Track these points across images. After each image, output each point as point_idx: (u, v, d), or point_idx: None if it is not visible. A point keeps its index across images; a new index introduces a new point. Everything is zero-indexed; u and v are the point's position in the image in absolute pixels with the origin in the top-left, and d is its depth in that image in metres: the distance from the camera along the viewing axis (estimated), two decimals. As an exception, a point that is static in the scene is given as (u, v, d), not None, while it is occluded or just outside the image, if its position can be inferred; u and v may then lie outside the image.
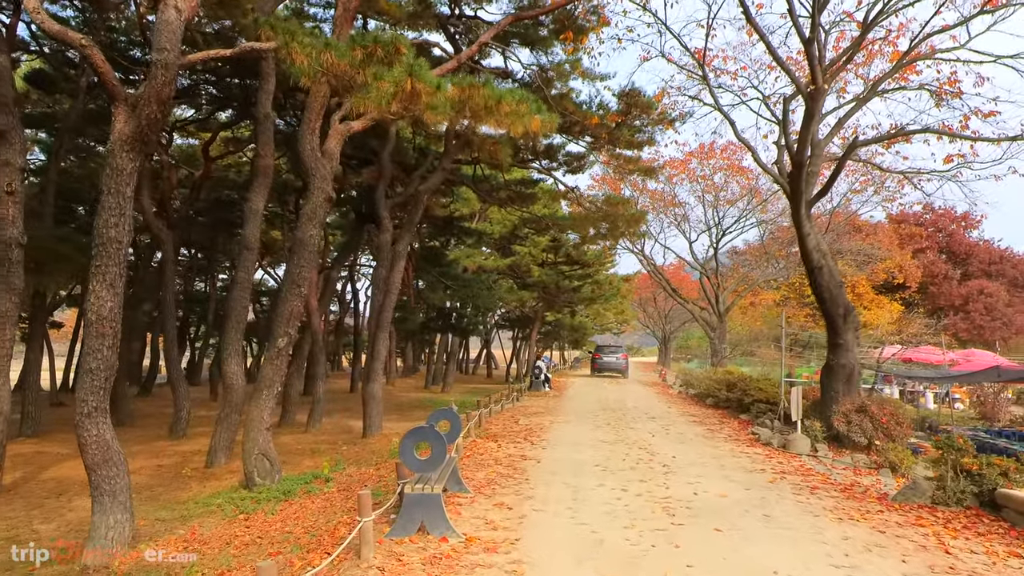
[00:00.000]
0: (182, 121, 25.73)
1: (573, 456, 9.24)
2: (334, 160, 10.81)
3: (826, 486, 7.56)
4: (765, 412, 12.97)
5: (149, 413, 21.03)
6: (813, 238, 10.19)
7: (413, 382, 40.18)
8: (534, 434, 11.48)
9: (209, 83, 20.89)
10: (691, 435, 11.37)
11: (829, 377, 10.54)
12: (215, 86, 20.61)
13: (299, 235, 10.21)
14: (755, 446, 10.30)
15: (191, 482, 12.41)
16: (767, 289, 31.05)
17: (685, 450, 9.74)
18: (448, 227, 22.53)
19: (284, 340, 10.01)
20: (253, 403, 10.02)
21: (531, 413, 15.06)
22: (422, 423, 7.38)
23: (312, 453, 15.41)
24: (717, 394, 16.12)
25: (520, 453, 9.51)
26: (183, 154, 28.50)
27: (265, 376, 10.00)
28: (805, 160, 9.19)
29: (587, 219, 16.68)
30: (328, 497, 8.09)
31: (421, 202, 16.47)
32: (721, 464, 8.66)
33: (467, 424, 10.93)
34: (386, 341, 16.63)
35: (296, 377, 20.43)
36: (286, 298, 10.11)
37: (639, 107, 15.32)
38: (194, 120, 24.55)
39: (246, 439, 9.94)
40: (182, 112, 26.16)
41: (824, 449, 9.83)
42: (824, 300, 10.37)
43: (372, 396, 16.10)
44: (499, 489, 7.19)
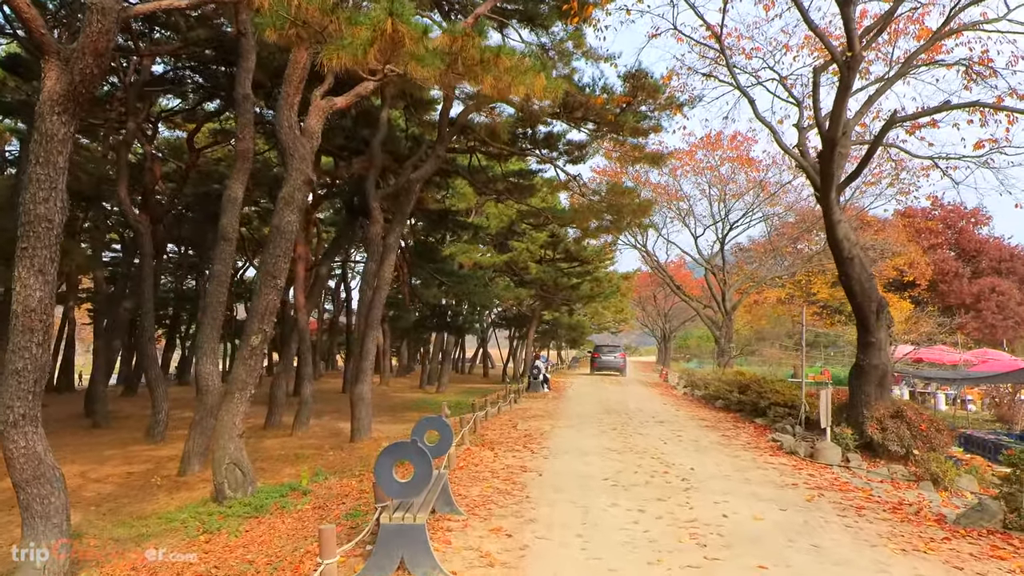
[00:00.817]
0: (168, 112, 24.75)
1: (578, 467, 8.26)
2: (314, 139, 9.83)
3: (872, 505, 6.59)
4: (784, 416, 12.01)
5: (130, 414, 20.05)
6: (844, 226, 9.24)
7: (408, 381, 39.19)
8: (534, 441, 10.49)
9: (195, 71, 19.94)
10: (706, 442, 10.39)
11: (859, 379, 9.58)
12: (201, 74, 19.68)
13: (275, 222, 9.22)
14: (779, 455, 9.33)
15: (159, 493, 11.41)
16: (772, 287, 30.10)
17: (703, 460, 8.77)
18: (443, 221, 21.52)
19: (258, 338, 9.02)
20: (224, 407, 9.05)
21: (530, 416, 14.08)
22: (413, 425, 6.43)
23: (295, 459, 14.41)
24: (728, 396, 15.14)
25: (519, 464, 8.53)
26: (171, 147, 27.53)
27: (237, 377, 9.02)
28: (838, 137, 8.24)
29: (590, 210, 15.73)
30: (301, 516, 7.09)
31: (413, 192, 15.47)
32: (746, 478, 7.68)
33: (460, 430, 9.95)
34: (375, 340, 15.64)
35: (283, 377, 19.48)
36: (261, 291, 9.13)
37: (646, 90, 14.35)
38: (180, 111, 23.61)
39: (216, 447, 8.97)
40: (168, 102, 25.21)
41: (857, 459, 8.87)
42: (855, 294, 9.40)
43: (360, 398, 15.13)
44: (496, 509, 6.20)
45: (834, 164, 8.53)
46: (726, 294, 24.06)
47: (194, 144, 21.93)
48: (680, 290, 26.99)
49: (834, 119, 7.97)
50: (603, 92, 14.83)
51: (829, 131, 8.17)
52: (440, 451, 6.05)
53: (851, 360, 28.29)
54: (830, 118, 8.12)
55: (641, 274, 42.10)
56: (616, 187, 14.96)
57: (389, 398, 28.97)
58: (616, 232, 18.68)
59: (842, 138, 8.36)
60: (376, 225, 15.55)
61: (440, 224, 21.96)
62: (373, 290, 15.37)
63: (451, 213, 21.60)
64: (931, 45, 9.36)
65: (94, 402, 18.30)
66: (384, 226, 15.76)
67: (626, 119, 15.34)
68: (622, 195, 14.41)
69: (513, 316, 41.04)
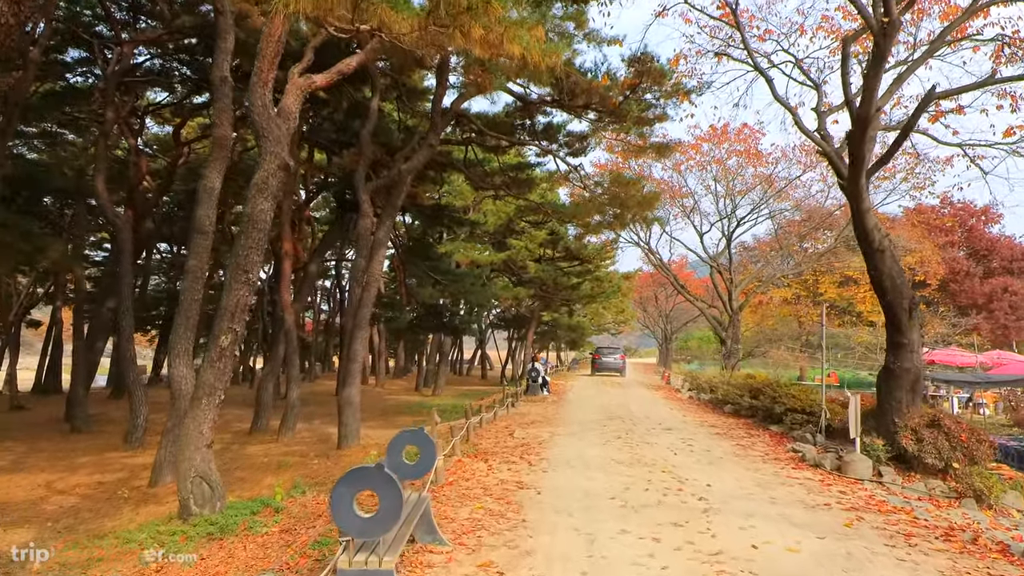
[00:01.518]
0: (155, 105, 23.91)
1: (581, 483, 7.37)
2: (291, 120, 8.95)
3: (920, 531, 5.72)
4: (802, 424, 11.13)
5: (114, 418, 19.18)
6: (873, 215, 8.37)
7: (404, 383, 38.31)
8: (532, 451, 9.61)
9: (182, 63, 19.17)
10: (720, 453, 9.51)
11: (889, 384, 8.70)
12: (188, 66, 18.90)
13: (247, 210, 8.34)
14: (802, 467, 8.45)
15: (125, 507, 10.54)
16: (778, 286, 29.23)
17: (719, 475, 7.88)
18: (438, 216, 20.63)
19: (228, 338, 8.15)
20: (190, 415, 8.18)
21: (528, 423, 13.19)
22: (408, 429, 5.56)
23: (278, 468, 13.53)
24: (738, 401, 14.26)
25: (515, 478, 7.64)
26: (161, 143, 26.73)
27: (204, 382, 8.15)
28: (871, 115, 7.38)
29: (591, 204, 14.85)
30: (265, 542, 6.21)
31: (404, 184, 14.59)
32: (772, 497, 6.80)
33: (451, 439, 9.07)
34: (365, 340, 14.77)
35: (270, 380, 18.62)
36: (231, 287, 8.24)
37: (651, 76, 13.47)
38: (168, 104, 22.82)
39: (181, 459, 8.09)
40: (155, 96, 24.38)
41: (890, 472, 7.98)
42: (885, 290, 8.53)
43: (348, 402, 14.25)
44: (487, 538, 5.32)
45: (865, 145, 7.67)
46: (732, 293, 23.17)
47: (180, 138, 21.13)
48: (684, 289, 26.09)
49: (866, 95, 7.12)
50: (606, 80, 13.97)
51: (861, 108, 7.31)
52: (420, 470, 5.17)
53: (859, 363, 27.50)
54: (862, 94, 7.26)
55: (642, 274, 41.32)
56: (619, 177, 14.08)
57: (383, 401, 28.09)
58: (619, 227, 17.80)
59: (875, 116, 7.49)
60: (365, 219, 14.69)
61: (435, 220, 21.07)
62: (362, 287, 14.52)
63: (447, 209, 20.71)
64: (968, 18, 8.49)
65: (74, 406, 17.53)
66: (374, 220, 14.90)
67: (630, 108, 14.48)
68: (626, 186, 13.53)
69: (512, 317, 40.20)
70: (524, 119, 16.85)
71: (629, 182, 13.58)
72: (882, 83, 8.94)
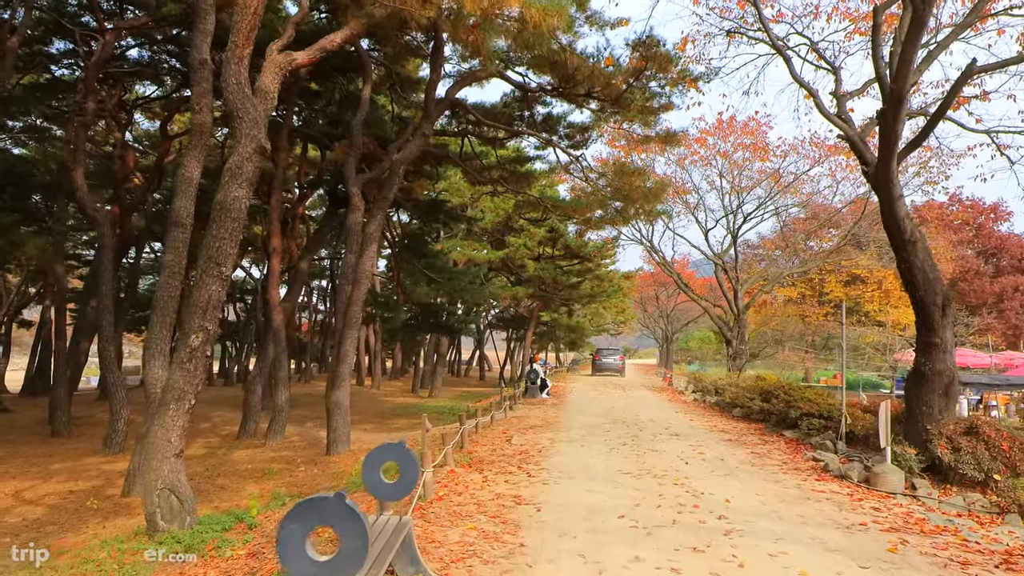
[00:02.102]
0: (143, 99, 23.21)
1: (585, 498, 6.65)
2: (269, 101, 8.25)
3: (974, 556, 5.00)
4: (819, 429, 10.40)
5: (99, 421, 18.50)
6: (904, 203, 7.66)
7: (401, 384, 37.59)
8: (531, 460, 8.88)
9: (171, 55, 18.49)
10: (734, 462, 8.78)
11: (920, 388, 7.98)
12: (177, 58, 18.23)
13: (219, 198, 7.63)
14: (826, 479, 7.73)
15: (92, 519, 9.84)
16: (783, 286, 28.51)
17: (738, 488, 7.15)
18: (434, 212, 19.89)
19: (199, 337, 7.44)
20: (157, 421, 7.46)
21: (527, 428, 12.46)
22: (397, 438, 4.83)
23: (262, 475, 12.83)
24: (749, 405, 13.53)
25: (513, 492, 6.91)
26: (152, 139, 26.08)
27: (173, 385, 7.44)
28: (907, 90, 6.66)
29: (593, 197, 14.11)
30: (229, 568, 5.49)
31: (396, 176, 13.88)
32: (800, 514, 6.08)
33: (444, 448, 8.34)
34: (355, 341, 14.04)
35: (259, 382, 17.91)
36: (202, 281, 7.53)
37: (657, 62, 12.74)
38: (158, 98, 22.16)
39: (146, 469, 7.38)
40: (144, 89, 23.69)
41: (924, 485, 7.26)
42: (917, 285, 7.82)
43: (337, 405, 13.54)
44: (479, 567, 4.60)
45: (899, 125, 6.96)
46: (738, 292, 22.44)
47: (168, 132, 20.46)
48: (688, 288, 25.37)
49: (902, 68, 6.40)
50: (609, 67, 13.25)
51: (896, 82, 6.59)
52: (401, 490, 4.44)
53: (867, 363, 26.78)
54: (897, 67, 6.54)
55: (643, 273, 40.67)
56: (624, 167, 13.32)
57: (379, 403, 27.37)
58: (623, 223, 17.08)
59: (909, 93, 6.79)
60: (356, 213, 13.98)
61: (431, 216, 20.33)
62: (352, 285, 13.81)
63: (443, 204, 19.98)
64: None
65: (55, 409, 16.89)
66: (365, 214, 14.19)
67: (633, 96, 13.77)
68: (631, 176, 12.78)
69: (511, 317, 39.53)
70: (523, 110, 16.14)
71: (634, 172, 12.84)
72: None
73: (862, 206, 21.57)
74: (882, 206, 7.89)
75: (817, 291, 29.20)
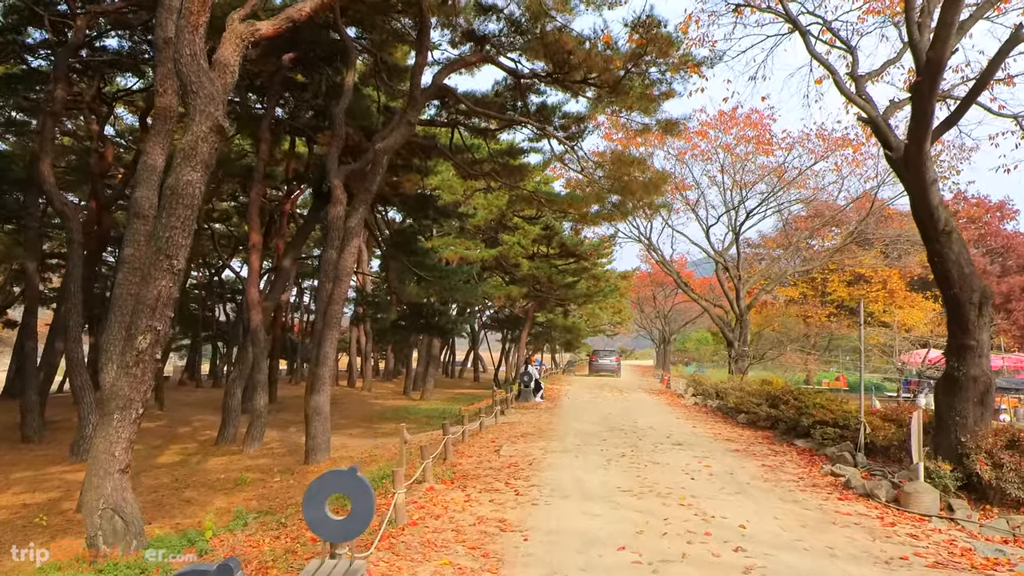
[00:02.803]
0: (125, 91, 22.37)
1: (580, 523, 5.80)
2: (228, 75, 7.38)
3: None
4: (835, 439, 9.57)
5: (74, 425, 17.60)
6: (939, 189, 6.85)
7: (393, 386, 36.72)
8: (520, 474, 8.03)
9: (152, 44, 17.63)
10: (745, 477, 7.94)
11: (953, 395, 7.16)
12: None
13: (171, 182, 6.79)
14: (849, 497, 6.90)
15: (39, 537, 8.95)
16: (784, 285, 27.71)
17: (753, 510, 6.31)
18: (423, 207, 19.02)
19: (147, 338, 6.58)
20: (99, 433, 6.62)
21: (518, 435, 11.61)
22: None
23: (234, 486, 11.93)
24: (755, 410, 12.70)
25: (497, 515, 6.07)
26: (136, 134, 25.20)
27: (117, 392, 6.60)
28: (946, 57, 5.85)
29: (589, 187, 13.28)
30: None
31: (380, 166, 13.03)
32: (828, 544, 5.24)
33: (423, 461, 7.48)
34: (336, 341, 13.20)
35: (238, 385, 17.09)
36: (150, 275, 6.68)
37: (657, 44, 11.92)
38: (141, 90, 21.38)
39: (87, 487, 6.56)
40: (125, 81, 22.87)
41: (962, 506, 6.44)
42: (951, 280, 6.99)
43: (317, 411, 12.70)
44: (449, 622, 3.76)
45: (935, 98, 6.15)
46: (740, 292, 21.62)
47: (147, 123, 19.61)
48: (688, 287, 24.54)
49: (940, 31, 5.58)
50: (607, 48, 12.43)
51: (934, 48, 5.76)
52: (352, 529, 3.60)
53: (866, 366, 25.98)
54: (936, 31, 5.71)
55: (640, 273, 39.90)
56: (622, 156, 12.48)
57: (368, 406, 26.49)
58: (621, 217, 16.23)
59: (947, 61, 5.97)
60: (337, 206, 13.14)
61: (420, 211, 19.46)
62: (332, 282, 12.96)
63: (432, 198, 19.12)
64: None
65: (26, 413, 16.08)
66: (347, 207, 13.34)
67: (632, 83, 12.94)
68: (629, 166, 11.95)
69: (506, 318, 38.74)
70: (516, 99, 15.29)
71: (633, 161, 12.00)
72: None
73: (867, 203, 20.79)
74: (912, 192, 7.07)
75: (819, 291, 28.43)
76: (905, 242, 22.64)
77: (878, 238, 23.22)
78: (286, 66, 15.72)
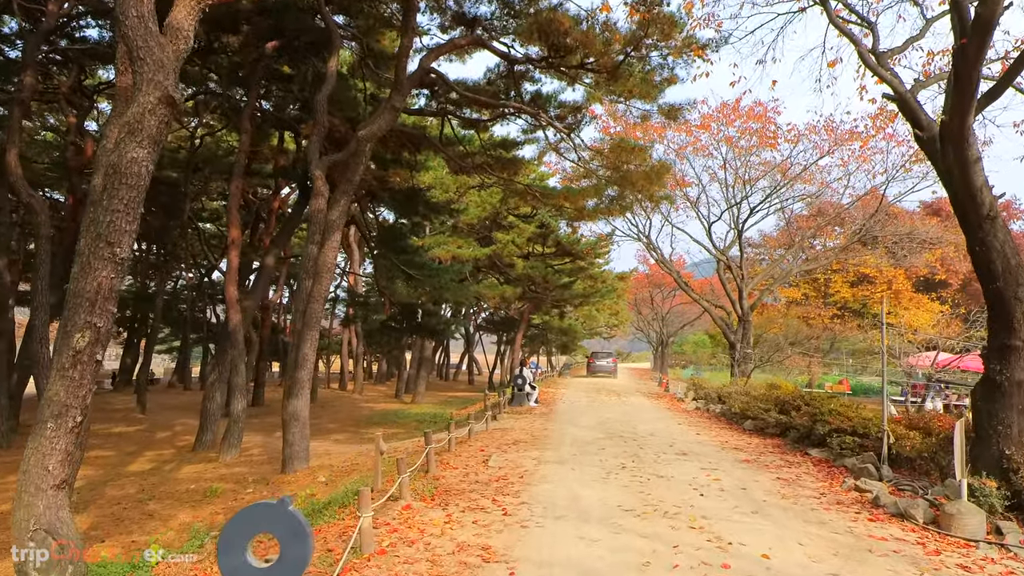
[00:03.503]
0: (107, 84, 21.49)
1: (576, 551, 4.99)
2: (181, 41, 6.55)
3: None
4: (854, 448, 8.78)
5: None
6: (983, 167, 6.07)
7: (385, 389, 35.89)
8: (510, 488, 7.20)
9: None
10: (760, 492, 7.12)
11: (995, 401, 6.37)
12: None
13: (112, 159, 5.99)
14: (880, 518, 6.09)
15: (-26, 560, 8.09)
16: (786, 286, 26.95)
17: (774, 534, 5.50)
18: (412, 202, 18.18)
19: (86, 337, 5.77)
20: (32, 444, 5.81)
21: (509, 443, 10.79)
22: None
23: (203, 498, 11.07)
24: (763, 416, 11.90)
25: (481, 540, 5.25)
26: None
27: (52, 398, 5.80)
28: (999, 14, 5.08)
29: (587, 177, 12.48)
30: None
31: (363, 155, 12.23)
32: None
33: (400, 476, 6.64)
34: (315, 342, 12.35)
35: (217, 388, 16.23)
36: (89, 265, 5.85)
37: (659, 25, 11.15)
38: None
39: (17, 504, 5.78)
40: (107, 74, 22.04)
41: (1013, 529, 5.63)
42: (994, 273, 6.21)
43: (295, 417, 11.85)
44: None
45: (982, 63, 5.38)
46: (743, 292, 20.83)
47: (126, 116, 18.65)
48: (688, 287, 23.75)
49: (992, -17, 4.82)
50: (605, 31, 11.66)
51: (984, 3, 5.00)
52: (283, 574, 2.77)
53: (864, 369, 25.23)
54: (985, -17, 4.95)
55: (638, 274, 39.18)
56: (622, 143, 11.69)
57: (358, 409, 25.65)
58: (619, 212, 15.42)
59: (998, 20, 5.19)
60: (319, 198, 12.31)
61: (409, 207, 18.64)
62: (312, 279, 12.14)
63: (421, 193, 18.30)
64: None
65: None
66: (329, 200, 12.52)
67: (632, 68, 12.17)
68: (629, 154, 11.15)
69: (501, 319, 37.98)
70: (509, 88, 14.49)
71: (633, 149, 11.21)
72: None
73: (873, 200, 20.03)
74: (952, 172, 6.28)
75: (822, 292, 27.69)
76: (912, 241, 21.89)
77: (885, 236, 22.47)
78: (269, 54, 14.90)
